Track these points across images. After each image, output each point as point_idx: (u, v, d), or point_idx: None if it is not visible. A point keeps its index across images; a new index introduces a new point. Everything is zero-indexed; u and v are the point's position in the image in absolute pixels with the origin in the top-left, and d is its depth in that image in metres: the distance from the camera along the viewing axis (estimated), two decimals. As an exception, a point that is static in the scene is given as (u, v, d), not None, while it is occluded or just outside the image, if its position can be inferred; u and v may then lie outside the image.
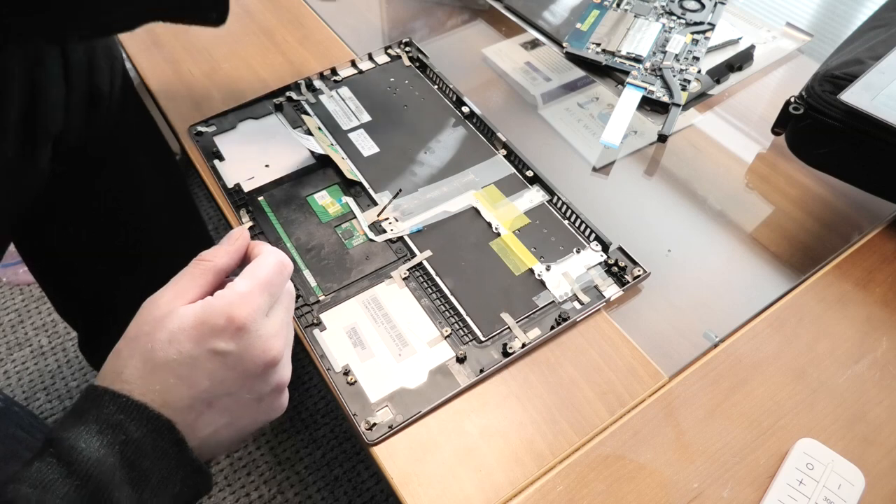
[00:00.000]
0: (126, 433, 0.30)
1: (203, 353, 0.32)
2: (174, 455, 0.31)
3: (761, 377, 0.41)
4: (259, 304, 0.34)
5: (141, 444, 0.30)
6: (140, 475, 0.30)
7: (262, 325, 0.34)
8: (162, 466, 0.31)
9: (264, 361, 0.33)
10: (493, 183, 0.51)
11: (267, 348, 0.33)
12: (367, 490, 0.91)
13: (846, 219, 0.50)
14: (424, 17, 0.69)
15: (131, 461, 0.30)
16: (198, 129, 0.55)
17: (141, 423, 0.30)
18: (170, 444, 0.31)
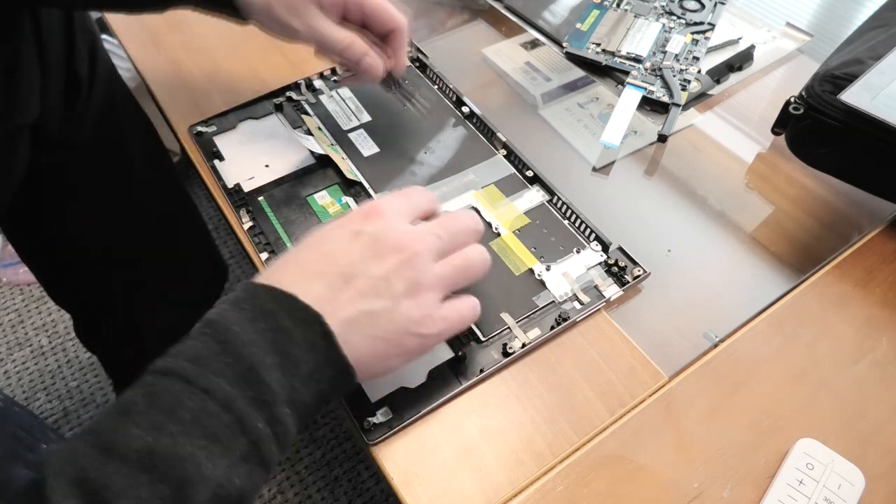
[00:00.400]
0: (278, 322, 0.31)
1: (345, 233, 0.36)
2: (323, 348, 0.32)
3: (761, 377, 0.41)
4: (399, 204, 0.38)
5: (292, 332, 0.31)
6: (291, 363, 0.31)
7: (400, 220, 0.37)
8: (311, 358, 0.32)
9: (399, 248, 0.35)
10: (493, 183, 0.51)
11: (401, 237, 0.36)
12: (367, 490, 0.91)
13: (846, 219, 0.50)
14: (424, 17, 0.69)
15: (283, 348, 0.31)
16: (198, 129, 0.55)
17: (292, 314, 0.32)
18: (319, 337, 0.32)
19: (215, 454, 0.28)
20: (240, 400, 0.29)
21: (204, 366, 0.29)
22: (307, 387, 0.32)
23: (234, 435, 0.29)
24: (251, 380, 0.30)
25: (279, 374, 0.31)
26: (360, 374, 0.34)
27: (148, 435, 0.27)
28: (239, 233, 0.49)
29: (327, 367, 0.32)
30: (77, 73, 0.55)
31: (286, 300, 0.32)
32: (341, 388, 0.34)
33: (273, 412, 0.30)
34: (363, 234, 0.36)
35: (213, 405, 0.29)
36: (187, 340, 0.31)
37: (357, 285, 0.34)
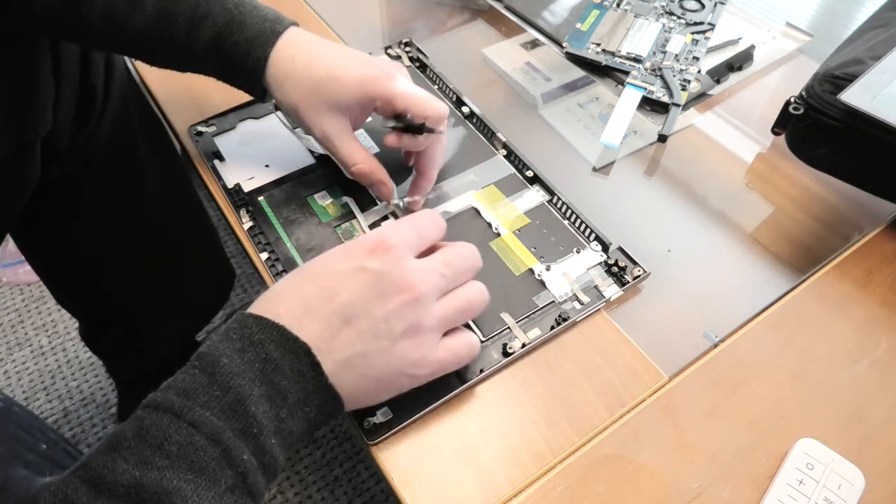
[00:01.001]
0: (266, 352, 0.31)
1: (349, 267, 0.35)
2: (311, 378, 0.32)
3: (761, 377, 0.41)
4: (408, 236, 0.37)
5: (280, 363, 0.32)
6: (278, 393, 0.31)
7: (408, 256, 0.36)
8: (299, 388, 0.32)
9: (403, 289, 0.35)
10: (493, 183, 0.51)
11: (407, 276, 0.35)
12: (367, 490, 0.91)
13: (846, 219, 0.50)
14: (424, 17, 0.69)
15: (270, 378, 0.31)
16: (198, 129, 0.55)
17: (279, 344, 0.32)
18: (307, 367, 0.32)
19: (202, 487, 0.28)
20: (227, 433, 0.29)
21: (192, 399, 0.30)
22: (294, 416, 0.32)
23: (221, 467, 0.29)
24: (238, 412, 0.30)
25: (266, 405, 0.31)
26: (346, 405, 0.35)
27: (136, 469, 0.28)
28: (239, 233, 0.49)
29: (315, 397, 0.33)
30: (93, 85, 0.55)
31: (275, 330, 0.32)
32: (330, 416, 0.34)
33: (260, 443, 0.30)
34: (367, 272, 0.35)
35: (200, 438, 0.29)
36: (178, 373, 0.31)
37: (356, 325, 0.34)
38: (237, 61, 0.45)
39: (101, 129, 0.57)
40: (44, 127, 0.51)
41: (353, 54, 0.46)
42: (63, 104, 0.53)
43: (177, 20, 0.43)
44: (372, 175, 0.46)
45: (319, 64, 0.44)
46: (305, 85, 0.44)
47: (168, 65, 0.48)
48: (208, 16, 0.43)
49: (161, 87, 0.60)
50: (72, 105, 0.54)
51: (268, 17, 0.45)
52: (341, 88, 0.44)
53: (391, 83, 0.44)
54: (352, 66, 0.44)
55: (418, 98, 0.44)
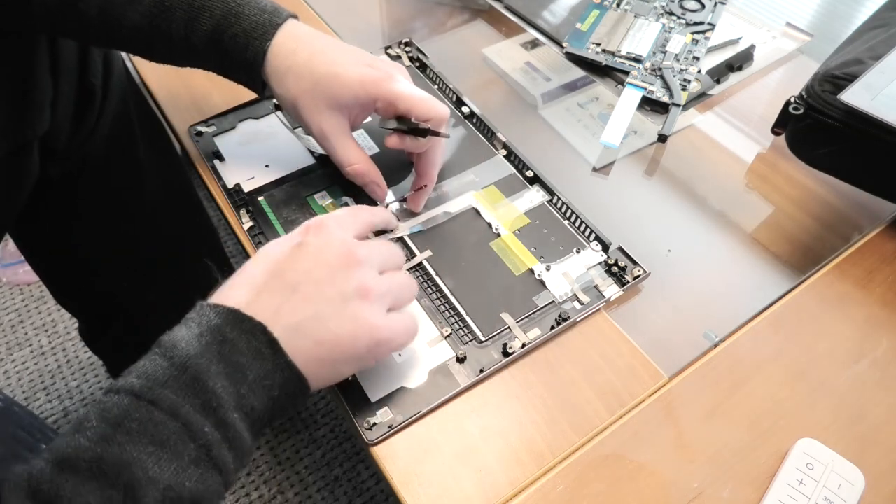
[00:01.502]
0: (223, 334, 0.32)
1: (289, 246, 0.37)
2: (269, 356, 0.33)
3: (761, 377, 0.41)
4: (341, 217, 0.39)
5: (236, 342, 0.32)
6: (236, 370, 0.32)
7: (342, 228, 0.38)
8: (258, 365, 0.33)
9: (344, 255, 0.36)
10: (493, 183, 0.51)
11: (345, 244, 0.37)
12: (367, 490, 0.91)
13: (846, 219, 0.50)
14: (424, 17, 0.69)
15: (227, 357, 0.32)
16: (198, 129, 0.55)
17: (234, 325, 0.33)
18: (264, 345, 0.33)
19: (163, 459, 0.29)
20: (185, 407, 0.30)
21: (151, 380, 0.31)
22: (255, 393, 0.32)
23: (183, 440, 0.30)
24: (197, 389, 0.31)
25: (225, 381, 0.32)
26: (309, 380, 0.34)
27: (97, 446, 0.29)
28: (239, 233, 0.49)
29: (276, 374, 0.33)
30: (91, 84, 0.55)
31: (229, 313, 0.33)
32: (295, 395, 0.34)
33: (220, 416, 0.31)
34: (307, 245, 0.37)
35: (160, 414, 0.30)
36: (139, 361, 0.32)
37: (302, 291, 0.35)
38: (236, 53, 0.44)
39: (99, 129, 0.57)
40: (42, 126, 0.51)
41: (354, 52, 0.46)
42: (61, 103, 0.52)
43: (174, 13, 0.43)
44: (366, 176, 0.46)
45: (321, 60, 0.44)
46: (307, 80, 0.44)
47: (167, 59, 0.47)
48: (206, 8, 0.43)
49: (161, 87, 0.60)
50: (70, 104, 0.54)
51: (266, 9, 0.45)
52: (342, 87, 0.44)
53: (393, 84, 0.44)
54: (354, 65, 0.44)
55: (420, 100, 0.44)
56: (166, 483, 0.29)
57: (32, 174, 0.54)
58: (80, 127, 0.56)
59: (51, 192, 0.58)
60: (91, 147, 0.57)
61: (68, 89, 0.53)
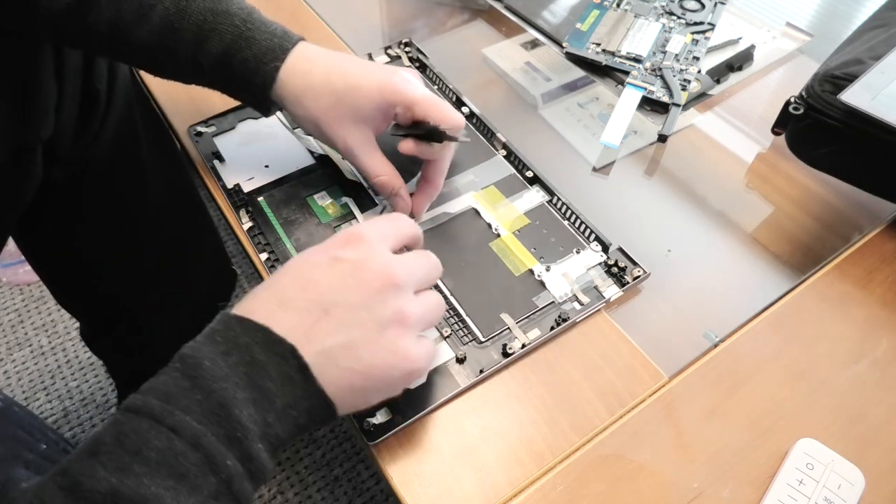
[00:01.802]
0: (251, 355, 0.30)
1: (325, 259, 0.34)
2: (299, 382, 0.31)
3: (761, 377, 0.41)
4: (382, 228, 0.37)
5: (266, 366, 0.30)
6: (265, 397, 0.30)
7: (383, 247, 0.35)
8: (286, 392, 0.31)
9: (382, 276, 0.34)
10: (493, 184, 0.51)
11: (386, 265, 0.34)
12: (367, 490, 0.91)
13: (846, 219, 0.50)
14: (424, 17, 0.69)
15: (256, 382, 0.30)
16: (197, 130, 0.55)
17: (265, 347, 0.31)
18: (294, 370, 0.31)
19: (182, 494, 0.27)
20: (208, 437, 0.28)
21: (172, 403, 0.29)
22: (282, 421, 0.31)
23: (203, 474, 0.28)
24: (222, 416, 0.29)
25: (252, 409, 0.30)
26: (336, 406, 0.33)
27: (113, 476, 0.27)
28: (239, 233, 0.49)
29: (304, 401, 0.31)
30: (95, 88, 0.55)
31: (260, 332, 0.31)
32: (321, 420, 0.33)
33: (245, 448, 0.29)
34: (343, 261, 0.34)
35: (181, 444, 0.28)
36: (159, 376, 0.30)
37: (336, 314, 0.33)
38: (245, 77, 0.44)
39: (103, 132, 0.57)
40: (46, 130, 0.51)
41: (368, 64, 0.46)
42: (65, 108, 0.52)
43: (184, 35, 0.43)
44: (394, 188, 0.46)
45: (338, 76, 0.44)
46: (326, 98, 0.44)
47: (173, 77, 0.47)
48: (216, 31, 0.43)
49: (161, 88, 0.60)
50: (74, 108, 0.54)
51: (276, 34, 0.45)
52: (363, 98, 0.44)
53: (411, 89, 0.44)
54: (371, 75, 0.44)
55: (437, 105, 0.44)
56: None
57: (36, 178, 0.54)
58: (84, 131, 0.56)
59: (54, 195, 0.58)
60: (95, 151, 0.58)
61: (73, 93, 0.53)
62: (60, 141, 0.54)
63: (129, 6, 0.43)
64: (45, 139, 0.52)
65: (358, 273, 0.34)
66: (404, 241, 0.38)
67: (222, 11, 0.43)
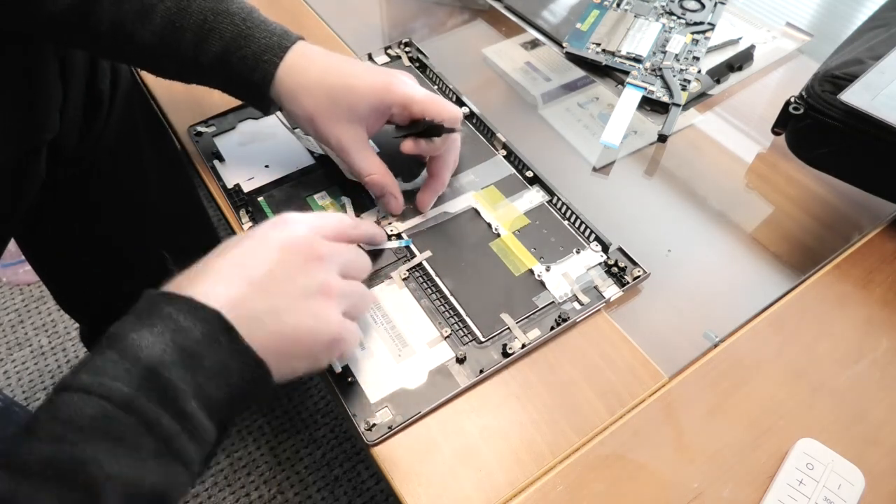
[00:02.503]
0: (175, 323, 0.31)
1: (253, 241, 0.36)
2: (226, 343, 0.32)
3: (761, 377, 0.41)
4: (312, 217, 0.39)
5: (190, 331, 0.31)
6: (192, 358, 0.31)
7: (312, 232, 0.38)
8: (213, 353, 0.32)
9: (307, 252, 0.36)
10: (493, 183, 0.51)
11: (309, 241, 0.37)
12: (367, 490, 0.91)
13: (846, 219, 0.50)
14: (424, 17, 0.69)
15: (181, 346, 0.31)
16: (197, 130, 0.55)
17: (188, 314, 0.32)
18: (220, 331, 0.32)
19: (120, 454, 0.28)
20: (140, 399, 0.29)
21: (101, 374, 0.29)
22: (213, 381, 0.32)
23: (139, 434, 0.29)
24: (151, 380, 0.30)
25: (181, 370, 0.31)
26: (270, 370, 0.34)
27: (48, 446, 0.27)
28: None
29: (233, 360, 0.32)
30: (99, 89, 0.55)
31: (182, 302, 0.32)
32: (256, 382, 0.33)
33: (179, 407, 0.30)
34: (270, 238, 0.36)
35: (113, 409, 0.29)
36: (88, 357, 0.31)
37: (263, 284, 0.34)
38: (244, 75, 0.45)
39: (106, 133, 0.57)
40: (51, 131, 0.51)
41: (365, 65, 0.47)
42: (70, 109, 0.53)
43: (184, 34, 0.44)
44: (385, 187, 0.46)
45: (335, 74, 0.44)
46: (322, 96, 0.44)
47: (174, 77, 0.48)
48: (216, 30, 0.44)
49: (161, 88, 0.60)
50: (79, 110, 0.54)
51: (275, 32, 0.45)
52: (358, 97, 0.44)
53: (406, 89, 0.44)
54: (366, 75, 0.45)
55: (434, 101, 0.45)
56: (126, 479, 0.28)
57: (39, 178, 0.54)
58: (87, 132, 0.56)
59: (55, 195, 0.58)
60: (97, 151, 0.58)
61: (77, 94, 0.53)
62: (64, 141, 0.54)
63: (130, 6, 0.43)
64: (49, 139, 0.52)
65: (284, 250, 0.36)
66: (339, 235, 0.40)
67: (222, 11, 0.44)
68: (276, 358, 0.34)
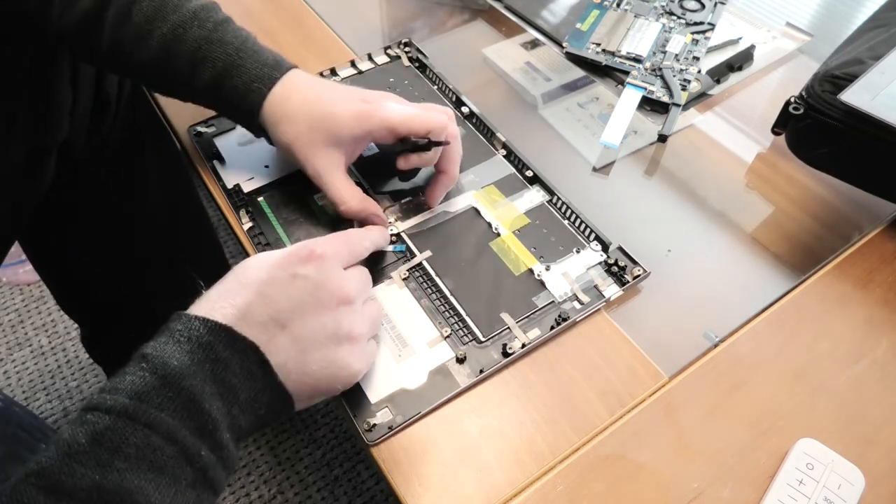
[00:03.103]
0: (215, 352, 0.32)
1: (285, 275, 0.36)
2: (260, 376, 0.33)
3: (761, 377, 0.41)
4: (339, 248, 0.39)
5: (229, 362, 0.32)
6: (229, 390, 0.32)
7: (339, 267, 0.38)
8: (249, 386, 0.33)
9: (339, 295, 0.36)
10: (493, 183, 0.51)
11: (342, 285, 0.37)
12: (367, 490, 0.91)
13: (846, 219, 0.50)
14: (424, 17, 0.69)
15: (221, 377, 0.32)
16: (197, 130, 0.55)
17: (228, 344, 0.32)
18: (255, 365, 0.33)
19: (163, 485, 0.29)
20: (182, 431, 0.30)
21: (145, 401, 0.30)
22: (245, 413, 0.33)
23: (180, 465, 0.30)
24: (192, 411, 0.30)
25: (219, 402, 0.32)
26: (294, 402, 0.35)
27: (95, 473, 0.28)
28: (239, 233, 0.49)
29: (265, 394, 0.33)
30: (106, 92, 0.56)
31: (222, 332, 0.33)
32: (279, 412, 0.35)
33: (216, 439, 0.31)
34: (304, 279, 0.36)
35: (157, 439, 0.29)
36: (125, 375, 0.31)
37: (293, 330, 0.35)
38: (234, 103, 0.46)
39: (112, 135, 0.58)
40: (61, 134, 0.53)
41: (347, 91, 0.46)
42: (79, 112, 0.54)
43: (179, 59, 0.44)
44: (359, 213, 0.46)
45: (315, 102, 0.45)
46: (302, 123, 0.45)
47: (171, 96, 0.49)
48: (208, 59, 0.44)
49: (161, 88, 0.60)
50: (87, 113, 0.55)
51: (267, 63, 0.45)
52: (338, 125, 0.44)
53: (386, 113, 0.44)
54: (346, 102, 0.45)
55: (416, 117, 0.45)
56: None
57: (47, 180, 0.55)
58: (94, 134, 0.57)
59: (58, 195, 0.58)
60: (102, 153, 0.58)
61: (86, 99, 0.54)
62: (73, 144, 0.55)
63: (129, 30, 0.44)
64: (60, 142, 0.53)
65: (316, 292, 0.36)
66: (359, 258, 0.41)
67: (216, 40, 0.45)
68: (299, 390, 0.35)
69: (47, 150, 0.53)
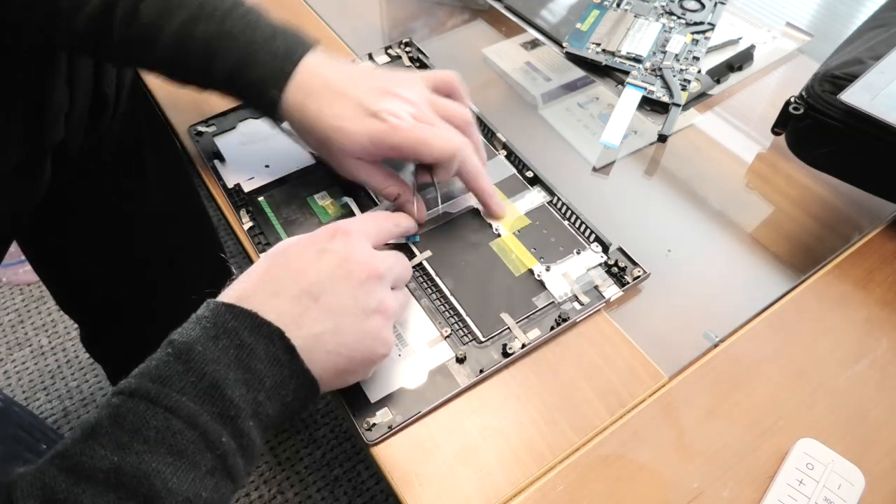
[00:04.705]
0: (240, 339, 0.32)
1: (314, 251, 0.36)
2: (286, 362, 0.33)
3: (761, 377, 0.41)
4: (366, 225, 0.39)
5: (254, 348, 0.32)
6: (254, 377, 0.32)
7: (367, 243, 0.38)
8: (275, 372, 0.32)
9: (368, 269, 0.36)
10: (494, 184, 0.51)
11: (371, 259, 0.37)
12: (367, 490, 0.91)
13: (846, 219, 0.50)
14: (424, 17, 0.69)
15: (246, 364, 0.32)
16: (198, 130, 0.55)
17: (253, 330, 0.32)
18: (282, 351, 0.33)
19: (181, 469, 0.29)
20: (203, 416, 0.30)
21: (167, 385, 0.30)
22: (271, 400, 0.32)
23: (200, 450, 0.29)
24: (215, 396, 0.30)
25: (243, 389, 0.31)
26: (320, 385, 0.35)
27: (114, 455, 0.28)
28: (239, 233, 0.49)
29: (291, 380, 0.33)
30: (104, 93, 0.55)
31: (247, 317, 0.33)
32: (306, 399, 0.34)
33: (237, 426, 0.31)
34: (331, 252, 0.36)
35: (178, 423, 0.29)
36: (151, 361, 0.31)
37: (325, 302, 0.35)
38: (252, 99, 0.46)
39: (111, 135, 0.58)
40: (57, 136, 0.52)
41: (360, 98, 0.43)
42: (75, 113, 0.53)
43: (191, 57, 0.44)
44: (400, 197, 0.46)
45: (328, 115, 0.43)
46: (319, 134, 0.44)
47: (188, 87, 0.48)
48: (219, 56, 0.43)
49: (162, 88, 0.60)
50: (84, 114, 0.55)
51: (278, 54, 0.44)
52: (352, 143, 0.43)
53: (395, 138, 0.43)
54: (359, 119, 0.43)
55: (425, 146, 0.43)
56: (185, 494, 0.28)
57: (45, 180, 0.54)
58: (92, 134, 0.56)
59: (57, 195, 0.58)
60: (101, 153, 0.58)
61: (83, 99, 0.54)
62: (70, 144, 0.54)
63: (138, 30, 0.44)
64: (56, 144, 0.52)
65: (345, 264, 0.36)
66: (387, 238, 0.41)
67: (224, 34, 0.43)
68: (330, 373, 0.35)
69: (44, 150, 0.52)
